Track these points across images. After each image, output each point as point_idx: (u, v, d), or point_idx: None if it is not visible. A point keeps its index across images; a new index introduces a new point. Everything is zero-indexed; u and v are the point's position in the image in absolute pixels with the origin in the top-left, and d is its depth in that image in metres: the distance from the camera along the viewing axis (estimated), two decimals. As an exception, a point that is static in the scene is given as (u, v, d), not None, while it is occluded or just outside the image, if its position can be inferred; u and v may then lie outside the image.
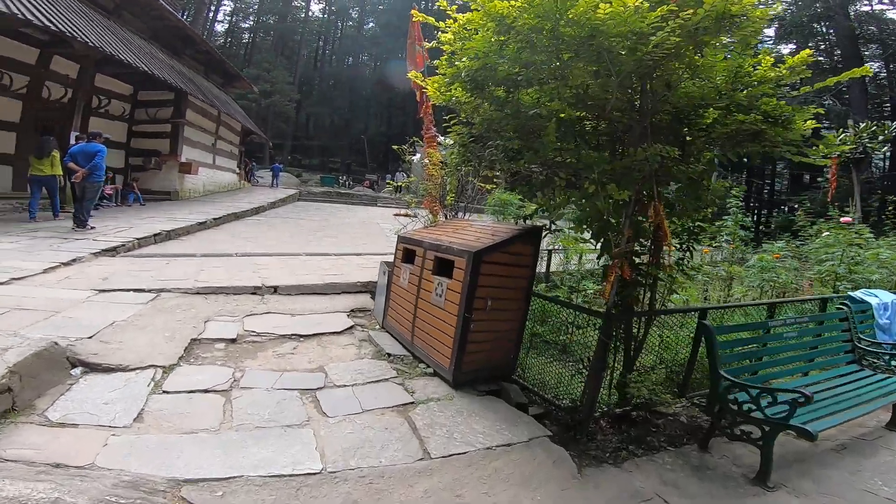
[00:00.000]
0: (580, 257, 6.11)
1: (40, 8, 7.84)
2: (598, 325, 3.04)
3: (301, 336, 3.89)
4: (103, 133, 8.32)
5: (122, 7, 12.68)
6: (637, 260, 2.90)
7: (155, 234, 7.27)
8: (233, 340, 3.64)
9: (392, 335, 4.09)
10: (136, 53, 11.28)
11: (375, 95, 49.37)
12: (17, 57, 9.79)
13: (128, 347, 3.13)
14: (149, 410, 2.57)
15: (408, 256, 3.75)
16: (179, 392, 2.80)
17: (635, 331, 3.20)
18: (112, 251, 6.06)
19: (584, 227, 2.75)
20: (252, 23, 52.35)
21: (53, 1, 8.79)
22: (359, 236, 10.62)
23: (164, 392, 2.78)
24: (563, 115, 2.27)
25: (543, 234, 3.24)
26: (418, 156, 5.68)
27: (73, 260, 5.27)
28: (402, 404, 3.04)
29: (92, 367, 2.83)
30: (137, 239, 6.76)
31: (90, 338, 3.12)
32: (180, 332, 3.57)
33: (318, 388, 3.09)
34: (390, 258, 4.65)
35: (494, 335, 3.31)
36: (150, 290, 4.36)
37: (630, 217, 2.59)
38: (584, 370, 3.32)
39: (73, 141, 9.96)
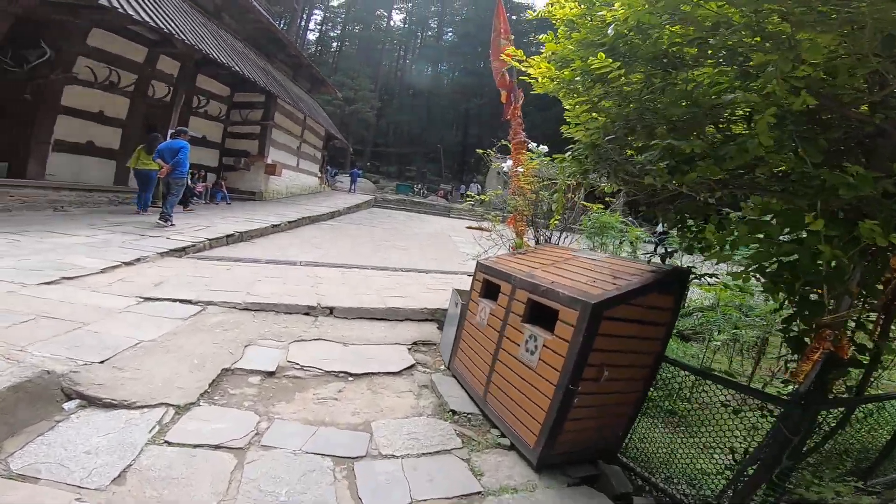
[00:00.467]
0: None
1: (146, 7, 8.10)
2: (771, 410, 2.05)
3: (350, 375, 3.19)
4: (189, 130, 8.42)
5: (222, 9, 13.28)
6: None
7: (227, 236, 7.10)
8: (270, 374, 3.02)
9: (460, 383, 3.27)
10: (231, 55, 11.61)
11: (453, 105, 49.90)
12: (127, 55, 10.33)
13: (144, 377, 2.59)
14: (137, 468, 1.96)
15: (489, 291, 2.91)
16: (184, 445, 2.17)
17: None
18: (180, 252, 5.85)
19: (769, 277, 1.76)
20: (339, 31, 55.40)
21: (160, 1, 9.16)
22: (429, 249, 10.00)
23: (165, 442, 2.17)
24: (786, 106, 1.33)
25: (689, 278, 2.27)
26: (509, 163, 4.85)
27: (137, 259, 5.05)
28: (466, 495, 2.21)
29: (91, 401, 2.30)
30: (209, 240, 6.58)
31: (103, 362, 2.62)
32: (213, 359, 3.01)
33: (357, 458, 2.34)
34: (462, 280, 3.85)
35: (603, 411, 2.38)
36: (196, 303, 3.92)
37: (863, 269, 1.58)
38: (736, 464, 2.31)
39: (169, 139, 10.39)
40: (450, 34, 55.14)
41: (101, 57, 9.73)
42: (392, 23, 55.92)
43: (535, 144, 5.26)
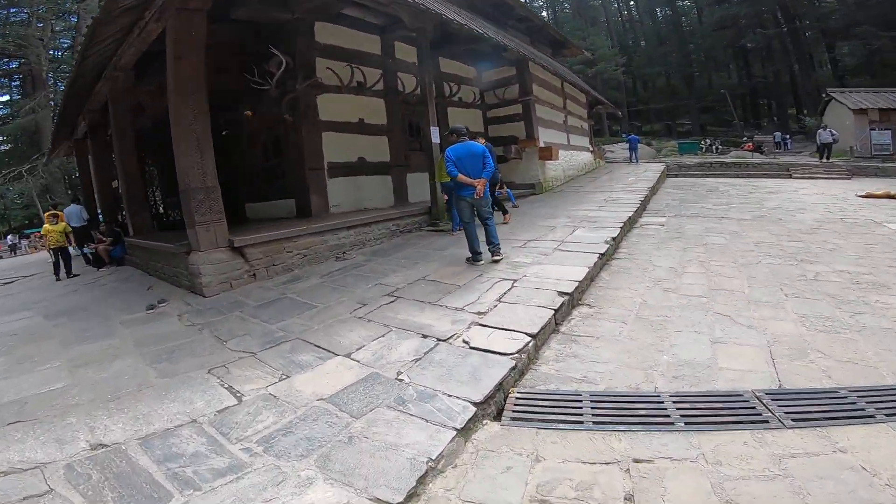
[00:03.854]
0: None
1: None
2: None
3: None
4: (463, 127, 5.47)
5: (433, -26, 10.31)
6: None
7: (555, 311, 3.72)
8: None
9: None
10: (464, 19, 8.62)
11: (719, 43, 38.42)
12: (362, 48, 8.59)
13: None
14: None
15: None
16: None
17: None
18: (497, 398, 2.66)
19: None
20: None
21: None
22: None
23: None
24: None
25: None
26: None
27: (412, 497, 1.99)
28: None
29: None
30: (531, 337, 3.27)
31: None
32: None
33: None
34: None
35: None
36: None
37: None
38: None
39: (435, 139, 7.97)
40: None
41: (338, 55, 8.08)
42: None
43: None
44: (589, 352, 3.28)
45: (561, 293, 4.03)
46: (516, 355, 3.01)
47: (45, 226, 8.88)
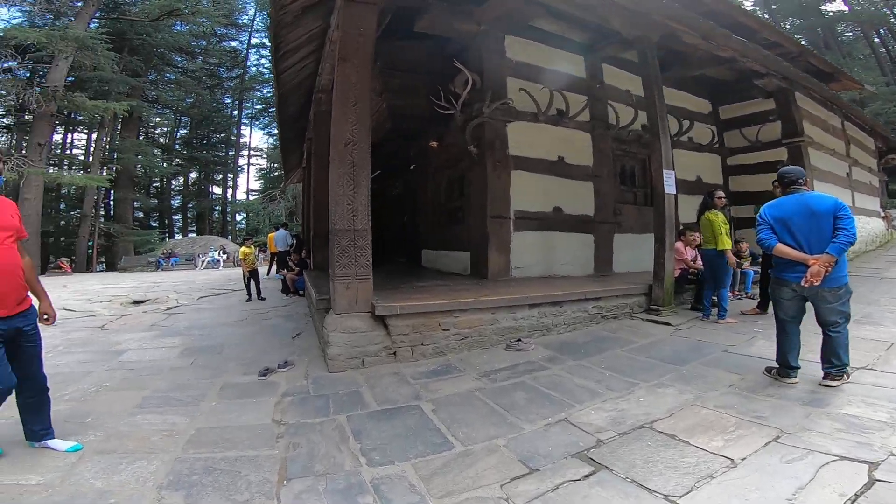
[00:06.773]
0: None
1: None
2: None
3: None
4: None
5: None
6: None
7: None
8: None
9: None
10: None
11: None
12: (562, 69, 6.81)
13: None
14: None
15: None
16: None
17: None
18: None
19: None
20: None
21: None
22: None
23: None
24: None
25: None
26: None
27: None
28: None
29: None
30: None
31: None
32: None
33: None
34: None
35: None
36: None
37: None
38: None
39: (669, 188, 5.66)
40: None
41: (534, 75, 6.56)
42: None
43: None
44: None
45: None
46: None
47: (242, 248, 9.52)
